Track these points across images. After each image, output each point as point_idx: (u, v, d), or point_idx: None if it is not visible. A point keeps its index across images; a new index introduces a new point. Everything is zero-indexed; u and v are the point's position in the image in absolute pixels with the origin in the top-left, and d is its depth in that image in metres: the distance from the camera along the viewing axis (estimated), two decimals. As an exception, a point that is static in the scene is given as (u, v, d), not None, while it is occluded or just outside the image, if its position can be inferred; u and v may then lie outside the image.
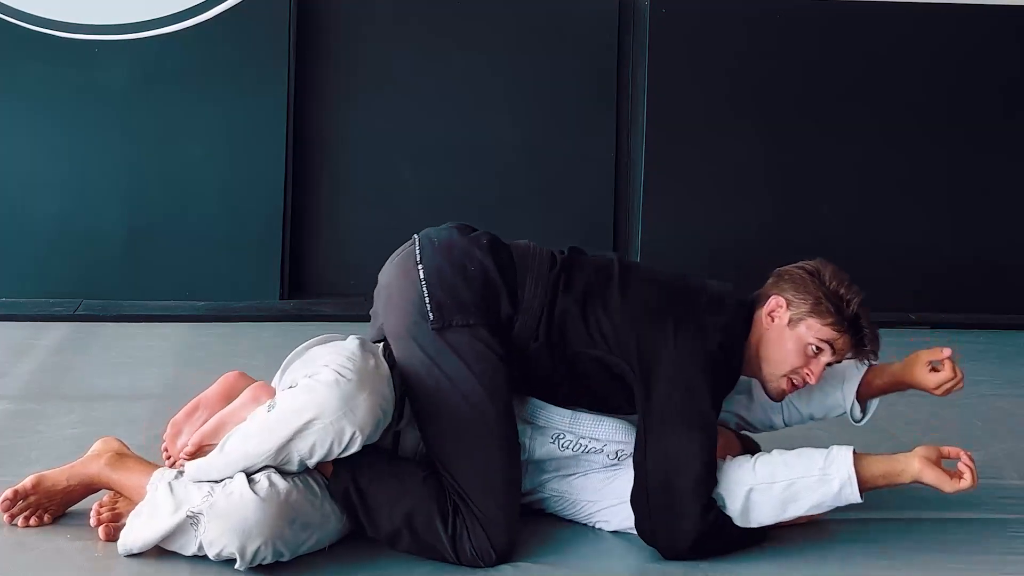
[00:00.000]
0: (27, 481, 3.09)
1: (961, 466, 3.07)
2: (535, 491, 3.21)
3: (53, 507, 3.10)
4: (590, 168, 5.65)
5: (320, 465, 2.99)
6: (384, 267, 3.22)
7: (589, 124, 5.64)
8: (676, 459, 3.02)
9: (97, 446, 3.18)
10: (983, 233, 5.69)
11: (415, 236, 3.21)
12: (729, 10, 5.58)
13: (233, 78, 5.42)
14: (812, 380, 3.14)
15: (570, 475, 3.20)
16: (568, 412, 3.17)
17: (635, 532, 3.13)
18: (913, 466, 3.07)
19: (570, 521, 3.23)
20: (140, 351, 4.73)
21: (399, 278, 3.14)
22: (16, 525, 3.07)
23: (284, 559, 2.89)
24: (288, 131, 5.47)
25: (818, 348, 3.11)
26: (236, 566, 2.86)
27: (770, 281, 3.22)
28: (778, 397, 3.21)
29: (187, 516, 2.86)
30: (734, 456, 3.13)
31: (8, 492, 3.07)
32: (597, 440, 3.16)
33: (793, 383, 3.16)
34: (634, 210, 5.62)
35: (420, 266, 3.11)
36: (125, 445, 3.19)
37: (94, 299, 5.34)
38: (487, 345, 3.05)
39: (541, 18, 5.61)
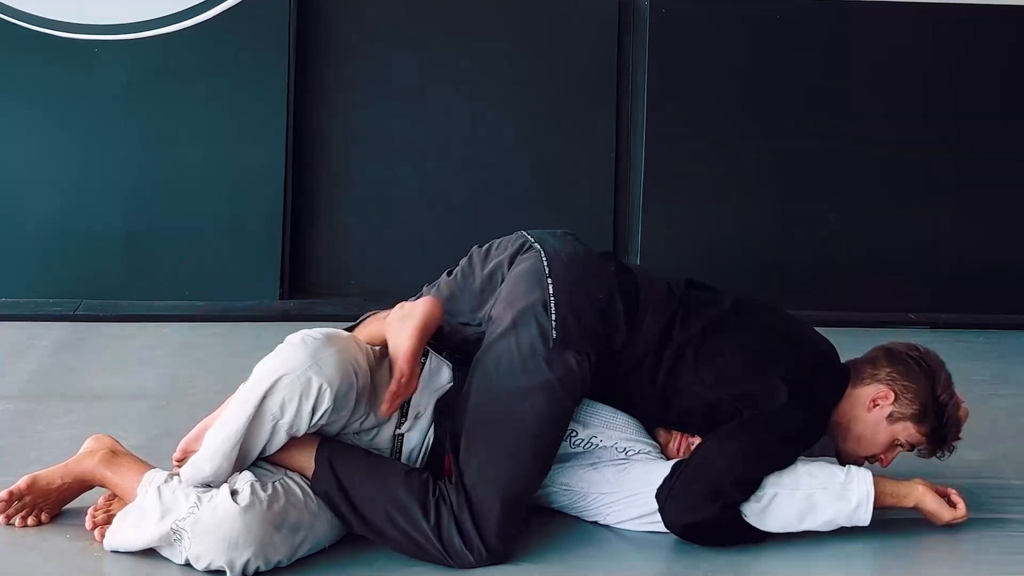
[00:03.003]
0: (21, 482, 3.10)
1: (955, 498, 3.22)
2: (543, 485, 3.20)
3: (49, 506, 3.10)
4: (590, 168, 5.64)
5: (300, 466, 2.98)
6: (499, 257, 3.20)
7: (589, 124, 5.64)
8: (727, 459, 3.07)
9: (89, 443, 3.18)
10: (983, 233, 5.68)
11: (535, 245, 3.18)
12: (729, 10, 5.58)
13: (233, 78, 5.42)
14: (884, 465, 3.26)
15: (579, 467, 3.19)
16: (585, 400, 3.17)
17: (640, 530, 3.14)
18: (917, 491, 3.20)
19: (571, 520, 3.22)
20: (140, 351, 4.73)
21: (526, 281, 3.11)
22: (13, 525, 3.07)
23: (283, 566, 2.89)
24: (288, 131, 5.47)
25: (902, 445, 3.23)
26: None
27: (876, 354, 3.27)
28: (846, 464, 3.26)
29: (171, 530, 2.86)
30: None
31: (3, 494, 3.08)
32: (608, 436, 3.16)
33: (868, 461, 3.26)
34: (634, 210, 5.62)
35: (550, 280, 3.10)
36: (117, 442, 3.19)
37: (93, 299, 5.34)
38: (583, 378, 3.06)
39: (541, 18, 5.60)
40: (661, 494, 3.09)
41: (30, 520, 3.07)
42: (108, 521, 3.02)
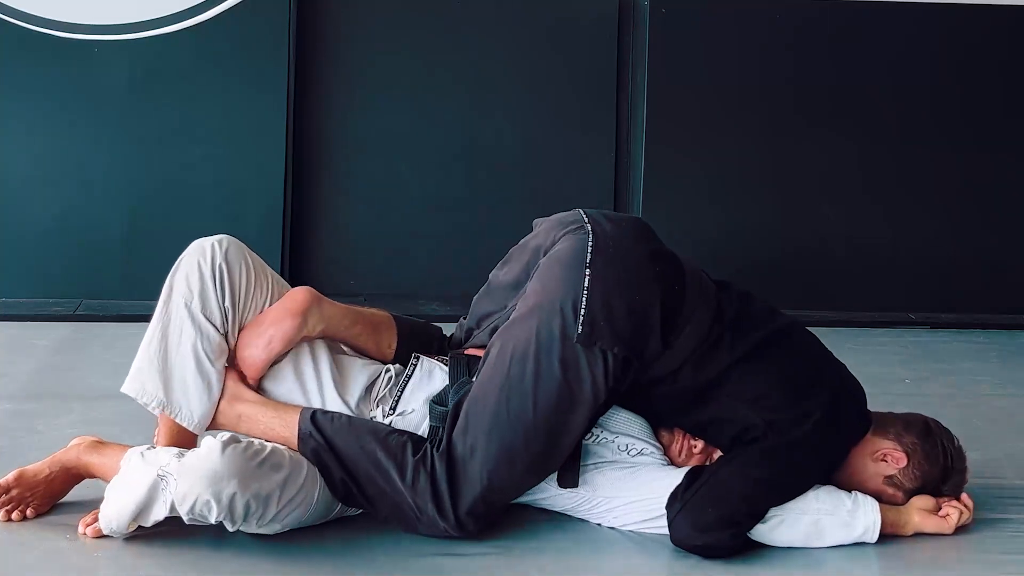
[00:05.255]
0: (8, 476, 3.11)
1: (943, 511, 3.20)
2: (545, 487, 3.17)
3: (36, 500, 3.11)
4: (590, 168, 5.65)
5: (283, 436, 3.02)
6: (549, 228, 3.06)
7: (589, 124, 5.64)
8: (748, 490, 3.05)
9: (75, 441, 3.20)
10: (983, 233, 5.68)
11: (587, 225, 2.98)
12: (729, 10, 5.58)
13: (233, 78, 5.43)
14: None
15: (582, 470, 3.17)
16: None
17: (643, 531, 3.14)
18: (914, 521, 3.19)
19: (571, 519, 3.21)
20: (140, 351, 4.72)
21: (562, 266, 2.95)
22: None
23: (270, 514, 2.89)
24: (288, 131, 5.47)
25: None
26: (216, 518, 2.85)
27: (914, 420, 3.23)
28: None
29: (158, 476, 2.88)
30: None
31: None
32: (609, 431, 3.15)
33: None
34: (634, 210, 5.62)
35: (588, 272, 2.92)
36: (102, 440, 3.21)
37: (94, 299, 5.34)
38: (597, 385, 2.93)
39: (541, 18, 5.60)
40: (672, 507, 3.06)
41: (15, 515, 3.07)
42: (96, 520, 3.02)
